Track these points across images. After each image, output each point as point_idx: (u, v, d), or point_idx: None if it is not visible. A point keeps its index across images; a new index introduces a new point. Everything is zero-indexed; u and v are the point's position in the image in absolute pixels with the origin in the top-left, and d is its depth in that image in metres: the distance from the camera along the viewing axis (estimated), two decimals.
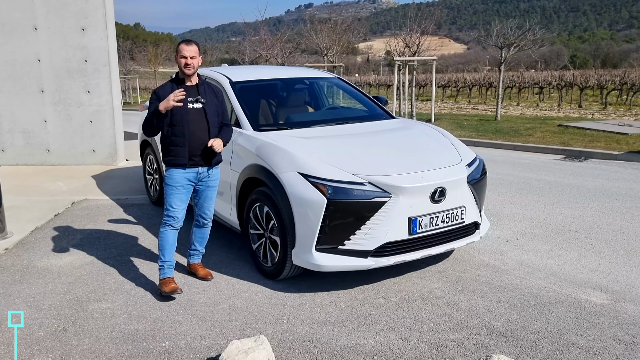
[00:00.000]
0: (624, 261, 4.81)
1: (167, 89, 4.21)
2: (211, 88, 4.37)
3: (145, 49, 40.94)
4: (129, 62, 41.31)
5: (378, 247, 4.06)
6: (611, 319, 3.74)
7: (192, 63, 4.14)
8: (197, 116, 4.19)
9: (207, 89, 4.33)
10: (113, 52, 9.15)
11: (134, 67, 39.06)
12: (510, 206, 6.69)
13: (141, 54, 38.62)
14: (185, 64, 4.14)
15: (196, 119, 4.19)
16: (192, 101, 4.19)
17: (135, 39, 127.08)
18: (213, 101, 4.31)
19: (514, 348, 3.40)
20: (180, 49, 4.17)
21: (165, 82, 4.40)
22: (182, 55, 4.14)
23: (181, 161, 4.21)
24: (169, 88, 4.21)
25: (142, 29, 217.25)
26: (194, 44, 4.20)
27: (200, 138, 4.19)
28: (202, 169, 4.31)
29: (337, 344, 3.52)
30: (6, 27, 8.90)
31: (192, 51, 4.15)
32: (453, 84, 31.78)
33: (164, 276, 4.32)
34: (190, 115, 4.17)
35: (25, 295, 4.36)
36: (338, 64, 20.19)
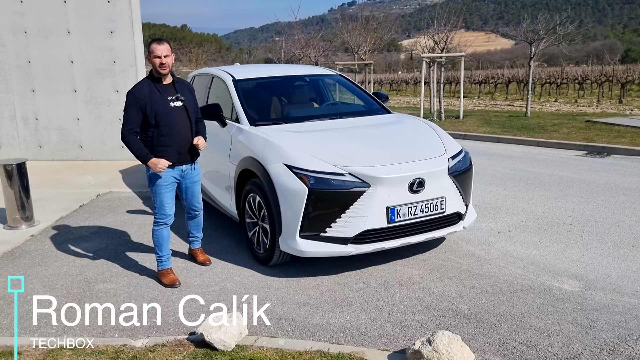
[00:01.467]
0: (609, 252, 4.89)
1: (144, 88, 4.24)
2: (185, 85, 4.51)
3: (189, 50, 41.93)
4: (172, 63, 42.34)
5: (357, 234, 4.30)
6: (576, 304, 3.87)
7: (166, 62, 4.20)
8: (180, 114, 4.31)
9: (183, 86, 4.44)
10: (140, 53, 9.64)
11: (178, 67, 40.27)
12: (513, 200, 6.78)
13: (184, 55, 39.70)
14: (160, 64, 4.19)
15: (180, 117, 4.31)
16: (173, 100, 4.29)
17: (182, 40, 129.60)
18: (189, 97, 4.43)
19: (473, 329, 3.59)
20: (153, 49, 4.19)
21: (141, 80, 4.42)
22: (155, 55, 4.18)
23: (170, 160, 4.31)
24: (146, 87, 4.25)
25: (188, 30, 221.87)
26: (166, 42, 4.26)
27: (185, 135, 4.35)
28: (186, 166, 4.48)
29: (310, 322, 3.79)
30: (42, 31, 9.52)
31: (165, 50, 4.19)
32: (490, 80, 31.32)
33: (163, 267, 4.58)
34: (174, 113, 4.28)
35: (41, 276, 4.80)
36: (368, 62, 20.34)
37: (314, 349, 3.35)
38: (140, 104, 4.19)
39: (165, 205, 4.43)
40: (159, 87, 4.28)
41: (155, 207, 4.47)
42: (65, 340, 3.58)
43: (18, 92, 9.74)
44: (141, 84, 4.32)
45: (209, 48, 50.70)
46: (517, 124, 14.33)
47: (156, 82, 4.29)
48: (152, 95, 4.21)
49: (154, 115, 4.20)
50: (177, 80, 4.41)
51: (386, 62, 72.42)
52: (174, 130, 4.28)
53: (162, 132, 4.26)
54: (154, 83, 4.28)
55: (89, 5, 9.39)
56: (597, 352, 3.25)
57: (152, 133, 4.26)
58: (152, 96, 4.21)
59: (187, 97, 4.40)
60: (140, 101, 4.18)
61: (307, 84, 6.22)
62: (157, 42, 4.23)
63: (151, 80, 4.29)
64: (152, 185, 4.43)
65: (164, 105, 4.24)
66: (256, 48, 34.35)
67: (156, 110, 4.20)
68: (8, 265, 5.08)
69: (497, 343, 3.40)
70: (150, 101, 4.20)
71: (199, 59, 38.50)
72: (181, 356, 3.35)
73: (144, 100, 4.18)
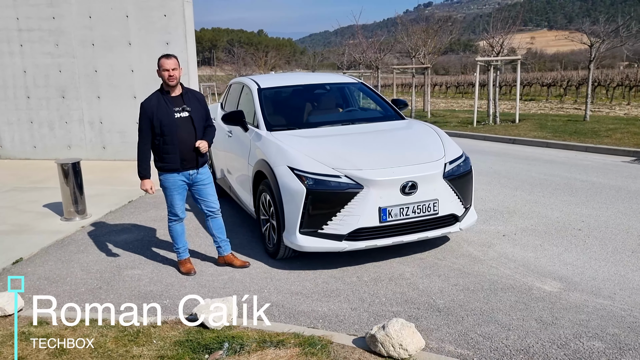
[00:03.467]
0: (605, 257, 4.97)
1: (152, 100, 4.67)
2: (194, 95, 4.88)
3: (257, 55, 43.51)
4: (243, 68, 44.17)
5: (351, 232, 4.67)
6: (548, 303, 4.05)
7: (174, 75, 4.57)
8: (184, 124, 4.67)
9: (191, 97, 4.80)
10: (192, 63, 10.41)
11: (248, 72, 41.85)
12: (532, 205, 6.87)
13: (255, 60, 41.25)
14: (169, 77, 4.57)
15: (184, 127, 4.66)
16: (179, 110, 4.65)
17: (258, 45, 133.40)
18: (198, 107, 4.79)
19: (440, 320, 3.88)
20: (161, 64, 4.58)
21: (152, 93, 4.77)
22: (164, 69, 4.56)
23: (174, 166, 4.72)
24: (155, 99, 4.66)
25: (264, 35, 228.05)
26: (173, 57, 4.62)
27: (189, 144, 4.70)
28: (193, 171, 4.84)
29: (297, 309, 4.21)
30: (107, 43, 10.51)
31: (173, 64, 4.58)
32: (560, 82, 30.32)
33: (181, 258, 5.12)
34: (179, 124, 4.64)
35: (82, 261, 5.49)
36: (425, 65, 20.42)
37: (291, 331, 3.76)
38: (149, 115, 4.63)
39: (175, 205, 4.92)
40: (167, 99, 4.67)
41: (168, 207, 4.99)
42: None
43: (86, 98, 10.79)
44: (151, 96, 4.73)
45: (281, 52, 52.15)
46: (570, 129, 14.02)
47: (165, 95, 4.69)
48: (159, 107, 4.63)
49: (160, 125, 4.61)
50: (186, 91, 4.79)
51: (462, 64, 71.19)
52: (177, 139, 4.66)
53: (167, 140, 4.66)
54: (163, 95, 4.68)
55: (148, 19, 10.26)
56: (547, 346, 3.45)
57: (158, 141, 4.70)
58: (159, 107, 4.63)
59: (194, 107, 4.77)
60: (149, 112, 4.62)
61: (327, 92, 6.62)
62: (165, 57, 4.64)
63: (161, 93, 4.70)
64: (163, 189, 4.92)
65: (169, 116, 4.63)
66: (321, 53, 35.06)
67: (161, 121, 4.60)
68: (57, 251, 5.83)
69: (457, 334, 3.68)
70: (156, 112, 4.61)
71: (268, 63, 39.87)
72: (177, 332, 3.85)
73: (151, 111, 4.62)
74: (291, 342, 3.62)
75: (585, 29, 16.17)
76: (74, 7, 10.46)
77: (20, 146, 11.36)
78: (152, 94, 4.77)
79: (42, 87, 10.90)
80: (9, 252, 5.79)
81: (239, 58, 41.59)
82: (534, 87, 34.70)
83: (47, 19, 10.60)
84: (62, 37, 10.64)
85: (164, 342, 3.69)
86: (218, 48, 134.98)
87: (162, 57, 4.65)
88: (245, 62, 42.52)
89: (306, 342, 3.57)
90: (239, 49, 44.65)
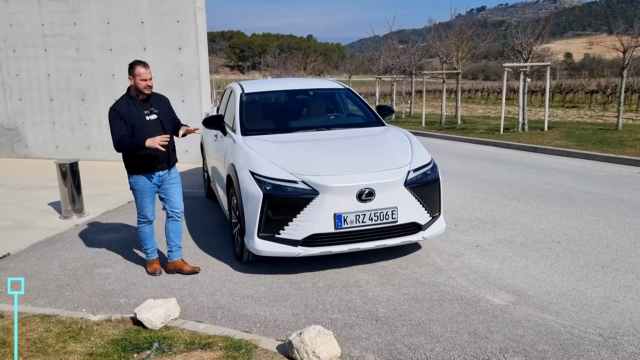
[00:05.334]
0: (571, 272, 4.79)
1: (123, 104, 4.70)
2: (160, 98, 4.96)
3: (295, 60, 43.99)
4: (284, 73, 44.70)
5: (305, 237, 4.68)
6: (490, 317, 3.94)
7: (151, 84, 4.72)
8: (154, 126, 4.73)
9: (158, 100, 4.89)
10: (203, 67, 10.63)
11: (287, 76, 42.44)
12: (521, 215, 6.68)
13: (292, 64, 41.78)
14: (147, 86, 4.67)
15: (154, 129, 4.70)
16: (148, 113, 4.72)
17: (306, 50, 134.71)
18: (164, 109, 4.88)
19: (373, 329, 3.84)
20: (139, 73, 4.63)
21: (120, 97, 4.82)
22: (142, 79, 4.64)
23: (148, 168, 4.77)
24: (124, 103, 4.70)
25: (313, 40, 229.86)
26: (148, 66, 4.73)
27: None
28: (163, 172, 4.92)
29: (241, 312, 4.25)
30: (124, 48, 10.87)
31: (150, 73, 4.70)
32: (603, 89, 29.21)
33: (150, 258, 5.21)
34: (149, 126, 4.69)
35: (63, 259, 5.70)
36: (455, 71, 20.10)
37: (223, 334, 3.81)
38: (122, 118, 4.67)
39: (145, 207, 5.00)
40: (136, 103, 4.75)
41: (138, 210, 5.05)
42: (46, 309, 4.36)
43: (104, 101, 11.18)
44: (121, 100, 4.78)
45: (329, 57, 52.44)
46: (596, 138, 13.51)
47: (133, 99, 4.76)
48: (130, 110, 4.68)
49: (132, 128, 4.67)
50: (153, 95, 4.88)
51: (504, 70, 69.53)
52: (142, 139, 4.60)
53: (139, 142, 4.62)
54: (132, 100, 4.75)
55: (162, 24, 10.55)
56: (469, 359, 3.36)
57: None
58: (130, 111, 4.68)
59: (161, 110, 4.86)
60: (122, 115, 4.66)
61: (310, 98, 6.64)
62: (142, 66, 4.67)
63: (129, 97, 4.77)
64: (134, 191, 4.97)
65: (141, 119, 4.70)
66: (359, 58, 35.07)
67: (133, 124, 4.67)
68: (44, 248, 6.07)
69: (385, 344, 3.63)
70: (128, 115, 4.66)
71: (308, 67, 40.18)
72: (118, 330, 3.96)
73: (123, 114, 4.67)
74: (219, 345, 3.66)
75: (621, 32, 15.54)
76: (93, 14, 10.87)
77: (43, 146, 11.87)
78: (121, 98, 4.80)
79: (64, 90, 11.37)
80: (1, 247, 6.07)
81: (280, 63, 42.07)
82: (578, 94, 33.59)
83: (69, 25, 11.06)
84: (83, 42, 11.08)
85: (101, 340, 3.80)
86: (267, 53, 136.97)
87: (138, 64, 4.68)
88: (286, 67, 43.05)
89: (232, 346, 3.61)
90: (280, 55, 45.29)
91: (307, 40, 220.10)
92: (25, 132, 11.91)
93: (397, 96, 29.54)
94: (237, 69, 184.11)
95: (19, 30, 11.38)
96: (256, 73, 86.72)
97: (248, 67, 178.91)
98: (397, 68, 26.04)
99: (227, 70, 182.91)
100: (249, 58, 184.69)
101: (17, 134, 11.98)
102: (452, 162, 11.17)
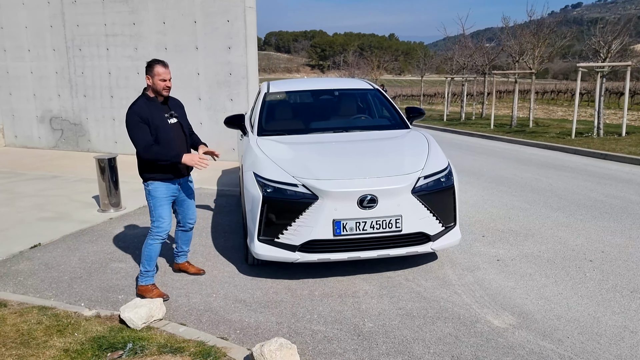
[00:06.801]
0: (593, 295, 4.31)
1: (143, 106, 4.29)
2: (176, 102, 4.64)
3: (368, 59, 43.63)
4: (357, 72, 44.51)
5: (303, 243, 4.51)
6: (483, 340, 3.61)
7: (170, 85, 4.35)
8: (177, 130, 4.44)
9: (174, 104, 4.58)
10: (251, 66, 10.69)
11: (360, 75, 42.26)
12: (560, 228, 6.15)
13: (364, 63, 41.54)
14: (165, 87, 4.31)
15: (177, 133, 4.44)
16: (168, 117, 4.40)
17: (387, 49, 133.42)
18: (182, 113, 4.59)
19: (351, 345, 3.62)
20: (158, 72, 4.25)
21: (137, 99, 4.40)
22: (161, 78, 4.27)
23: (169, 175, 4.43)
24: (144, 105, 4.30)
25: (395, 39, 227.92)
26: (168, 65, 4.37)
27: (183, 150, 4.44)
28: (182, 179, 4.62)
29: (226, 317, 4.16)
30: (178, 48, 11.14)
31: (169, 73, 4.32)
32: None
33: (148, 283, 4.59)
34: (173, 130, 4.39)
35: (85, 251, 5.87)
36: (528, 71, 19.05)
37: (199, 339, 3.72)
38: (145, 121, 4.25)
39: (164, 217, 4.49)
40: (155, 105, 4.37)
41: (154, 221, 4.51)
42: (48, 301, 4.48)
43: None
44: (140, 102, 4.35)
45: (411, 56, 51.86)
46: None
47: (152, 101, 4.38)
48: (152, 113, 4.30)
49: (156, 132, 4.28)
50: (169, 97, 4.52)
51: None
52: (174, 146, 4.35)
53: (163, 147, 4.31)
54: (150, 102, 4.37)
55: (213, 24, 10.71)
56: None
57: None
58: (152, 114, 4.30)
59: (179, 114, 4.57)
60: (144, 117, 4.25)
61: (334, 98, 6.44)
62: (161, 65, 4.30)
63: (146, 99, 4.38)
64: (152, 199, 4.47)
65: (164, 121, 4.35)
66: (432, 57, 34.21)
67: (158, 127, 4.28)
68: (72, 240, 6.28)
69: None
70: (151, 118, 4.27)
71: (380, 67, 39.77)
72: (103, 327, 3.98)
73: (146, 116, 4.25)
74: (190, 351, 3.58)
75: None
76: (150, 14, 11.22)
77: (104, 141, 12.42)
78: (139, 100, 4.39)
79: (123, 87, 11.84)
80: (36, 237, 6.34)
81: (354, 62, 41.95)
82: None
83: (128, 25, 11.48)
84: (141, 42, 11.47)
85: (84, 336, 3.83)
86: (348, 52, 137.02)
87: (157, 63, 4.32)
88: (359, 66, 42.85)
89: (201, 353, 3.52)
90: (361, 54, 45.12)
91: (388, 40, 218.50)
92: (89, 127, 12.52)
93: (468, 97, 28.52)
94: (317, 68, 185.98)
95: (85, 31, 11.97)
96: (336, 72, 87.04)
97: (328, 66, 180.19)
98: (469, 67, 25.12)
99: (308, 69, 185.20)
100: (329, 57, 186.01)
101: (81, 129, 12.62)
102: (507, 168, 10.57)
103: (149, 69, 4.34)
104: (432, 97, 48.82)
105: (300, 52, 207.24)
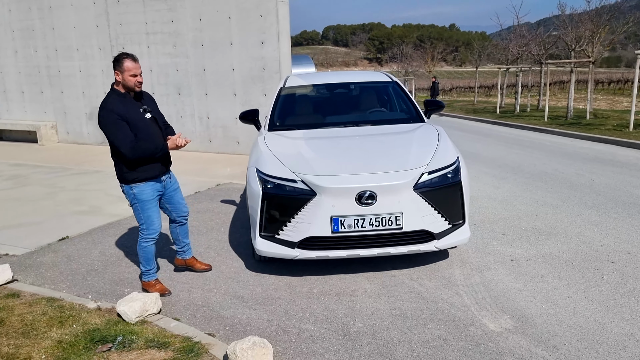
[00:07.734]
0: (605, 300, 4.03)
1: (117, 104, 4.07)
2: (148, 96, 4.45)
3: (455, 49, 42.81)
4: (412, 63, 43.84)
5: (301, 239, 4.46)
6: (471, 344, 3.44)
7: (141, 80, 4.14)
8: (154, 125, 4.28)
9: (147, 98, 4.38)
10: (284, 61, 10.68)
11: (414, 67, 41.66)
12: (587, 226, 5.80)
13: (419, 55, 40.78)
14: (137, 82, 4.10)
15: (155, 129, 4.27)
16: (143, 112, 4.21)
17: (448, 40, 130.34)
18: (154, 108, 4.42)
19: (336, 345, 3.55)
20: (128, 68, 4.03)
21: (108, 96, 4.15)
22: (132, 74, 4.05)
23: (154, 173, 4.28)
24: (118, 101, 4.08)
25: (456, 30, 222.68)
26: (138, 60, 4.16)
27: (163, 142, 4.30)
28: (165, 176, 4.49)
29: (221, 313, 4.17)
30: (214, 45, 11.29)
31: (140, 68, 4.11)
32: None
33: (151, 279, 4.61)
34: (151, 126, 4.22)
35: (107, 244, 6.05)
36: (585, 60, 18.12)
37: (187, 335, 3.75)
38: (122, 118, 4.05)
39: (154, 220, 4.41)
40: (129, 100, 4.16)
41: (143, 224, 4.41)
42: (58, 293, 4.65)
43: (196, 95, 11.74)
44: (112, 99, 4.11)
45: (471, 47, 50.90)
46: None
47: (125, 97, 4.15)
48: (128, 110, 4.11)
49: (136, 129, 4.10)
50: (141, 92, 4.29)
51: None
52: (153, 141, 4.20)
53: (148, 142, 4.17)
54: (124, 98, 4.15)
55: (247, 19, 10.78)
56: None
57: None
58: (129, 111, 4.12)
59: (153, 108, 4.38)
60: (121, 114, 4.04)
61: (349, 92, 6.33)
62: (131, 60, 4.09)
63: (119, 95, 4.14)
64: (138, 202, 4.33)
65: (141, 117, 4.18)
66: (486, 47, 33.17)
67: (136, 124, 4.10)
68: (98, 233, 6.49)
69: None
70: (128, 115, 4.09)
71: (435, 58, 38.97)
72: (100, 320, 4.08)
73: (122, 113, 4.06)
74: (175, 346, 3.61)
75: None
76: (187, 11, 11.43)
77: None
78: (110, 96, 4.15)
79: (163, 84, 12.12)
80: (65, 230, 6.60)
81: (407, 55, 41.32)
82: None
83: (167, 22, 11.74)
84: (179, 39, 11.70)
85: (81, 328, 3.93)
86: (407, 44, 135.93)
87: (126, 57, 4.10)
88: (414, 58, 42.16)
89: (184, 349, 3.54)
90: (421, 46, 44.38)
91: (448, 30, 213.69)
92: None
93: (524, 88, 27.50)
94: (375, 61, 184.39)
95: (127, 29, 12.33)
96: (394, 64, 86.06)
97: (387, 59, 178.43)
98: (524, 57, 24.19)
99: (366, 63, 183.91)
100: (387, 50, 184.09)
101: None
102: (550, 163, 10.10)
103: (117, 64, 4.10)
104: (490, 89, 47.40)
105: (358, 46, 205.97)
